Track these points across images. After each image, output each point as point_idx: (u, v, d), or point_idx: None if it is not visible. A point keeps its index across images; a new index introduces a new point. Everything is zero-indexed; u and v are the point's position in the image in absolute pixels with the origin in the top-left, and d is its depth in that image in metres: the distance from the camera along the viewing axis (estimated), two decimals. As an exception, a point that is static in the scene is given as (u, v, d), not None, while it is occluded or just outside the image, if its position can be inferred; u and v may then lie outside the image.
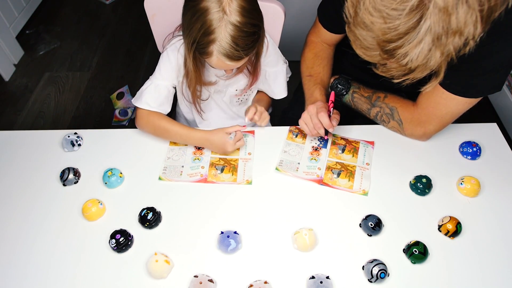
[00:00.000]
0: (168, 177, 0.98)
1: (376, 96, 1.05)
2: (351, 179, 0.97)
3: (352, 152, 1.02)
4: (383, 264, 0.81)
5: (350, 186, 0.95)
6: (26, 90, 2.22)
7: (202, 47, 0.88)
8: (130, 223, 0.90)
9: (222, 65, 0.91)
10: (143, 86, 1.07)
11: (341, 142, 1.05)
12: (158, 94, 1.05)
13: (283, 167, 0.99)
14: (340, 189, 0.95)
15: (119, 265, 0.84)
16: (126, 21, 2.65)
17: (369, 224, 0.87)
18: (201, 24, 0.85)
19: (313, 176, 0.98)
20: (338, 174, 0.97)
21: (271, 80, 1.15)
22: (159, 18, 1.18)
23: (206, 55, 0.89)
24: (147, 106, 1.04)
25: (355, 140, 1.05)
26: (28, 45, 2.45)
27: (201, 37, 0.86)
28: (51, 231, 0.89)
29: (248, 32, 0.87)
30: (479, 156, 1.01)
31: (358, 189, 0.95)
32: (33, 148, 1.05)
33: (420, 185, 0.94)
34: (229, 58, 0.88)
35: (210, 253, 0.86)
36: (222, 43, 0.86)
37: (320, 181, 0.97)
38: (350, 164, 0.99)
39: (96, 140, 1.07)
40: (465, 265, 0.83)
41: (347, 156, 1.01)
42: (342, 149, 1.03)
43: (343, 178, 0.97)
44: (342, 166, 0.99)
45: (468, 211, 0.92)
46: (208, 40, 0.86)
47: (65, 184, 0.97)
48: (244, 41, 0.87)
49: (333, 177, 0.97)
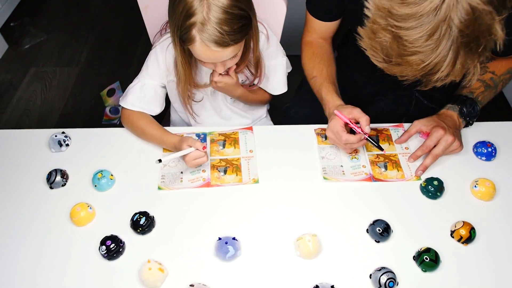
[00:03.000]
0: (168, 186, 0.98)
1: (489, 76, 1.05)
2: (399, 168, 0.99)
3: (388, 141, 1.05)
4: (392, 272, 0.81)
5: (401, 176, 0.98)
6: (11, 86, 2.23)
7: (184, 32, 0.87)
8: (122, 229, 0.90)
9: (209, 53, 0.89)
10: (130, 85, 1.08)
11: (372, 133, 1.06)
12: (143, 94, 1.06)
13: (329, 174, 0.99)
14: (394, 181, 0.98)
15: (110, 274, 0.84)
16: (117, 13, 2.65)
17: (377, 230, 0.87)
18: (182, 7, 0.85)
19: (362, 175, 0.99)
20: (385, 166, 1.00)
21: (270, 74, 1.15)
22: (152, 10, 1.19)
23: (189, 42, 0.88)
24: (132, 106, 1.05)
25: (384, 127, 1.08)
26: (13, 38, 2.45)
27: (183, 20, 0.86)
28: (37, 237, 0.89)
29: (234, 14, 0.86)
30: (494, 156, 1.01)
31: (409, 176, 0.98)
32: (18, 148, 1.06)
33: (432, 188, 0.94)
34: (215, 43, 0.87)
35: (207, 260, 0.86)
36: (206, 26, 0.85)
37: (371, 178, 0.98)
38: (391, 154, 1.02)
39: (85, 140, 1.07)
40: (480, 273, 0.84)
41: (384, 146, 1.04)
42: (376, 140, 1.05)
43: (391, 169, 0.99)
44: (385, 157, 1.02)
45: (482, 215, 0.92)
46: (189, 23, 0.85)
47: (52, 187, 0.97)
48: (230, 25, 0.86)
49: (382, 171, 0.99)
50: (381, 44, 0.73)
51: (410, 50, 0.70)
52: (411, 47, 0.69)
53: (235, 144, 1.05)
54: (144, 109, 1.06)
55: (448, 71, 0.71)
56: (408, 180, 0.98)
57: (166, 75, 1.07)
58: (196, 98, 1.13)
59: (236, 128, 1.09)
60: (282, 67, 1.16)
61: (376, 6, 0.71)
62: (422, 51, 0.69)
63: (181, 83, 1.04)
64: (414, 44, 0.68)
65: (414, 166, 1.00)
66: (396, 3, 0.68)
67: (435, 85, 0.76)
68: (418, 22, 0.66)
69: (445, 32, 0.66)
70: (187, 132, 1.08)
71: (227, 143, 1.05)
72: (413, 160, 1.00)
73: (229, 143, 1.05)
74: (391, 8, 0.68)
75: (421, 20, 0.66)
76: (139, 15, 1.21)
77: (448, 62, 0.69)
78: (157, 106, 1.08)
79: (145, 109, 1.06)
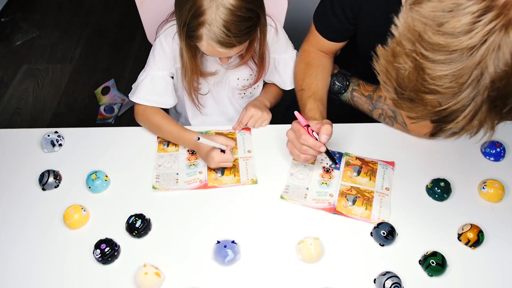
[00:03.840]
0: (163, 186, 0.97)
1: (377, 96, 1.04)
2: (368, 207, 0.93)
3: (369, 175, 0.98)
4: (397, 277, 0.81)
5: (367, 216, 0.92)
6: (1, 84, 2.22)
7: (191, 29, 0.89)
8: (117, 232, 0.89)
9: (214, 51, 0.92)
10: (138, 78, 1.08)
11: (357, 162, 1.01)
12: (155, 86, 1.06)
13: (289, 195, 0.95)
14: (356, 219, 0.92)
15: (105, 278, 0.84)
16: (112, 8, 2.65)
17: (382, 233, 0.86)
18: (191, 4, 0.86)
19: (324, 204, 0.94)
20: (353, 201, 0.94)
21: (281, 68, 1.16)
22: (149, 4, 1.18)
23: (196, 39, 0.90)
24: (145, 100, 1.06)
25: (372, 160, 1.02)
26: (4, 34, 2.45)
27: (191, 18, 0.87)
28: (29, 240, 0.89)
29: (242, 17, 0.87)
30: (503, 157, 1.01)
31: (376, 219, 0.91)
32: (9, 149, 1.05)
33: (438, 190, 0.93)
34: (220, 44, 0.89)
35: (205, 264, 0.85)
36: (213, 27, 0.86)
37: (333, 210, 0.93)
38: (367, 190, 0.96)
39: (79, 140, 1.07)
40: (488, 278, 0.83)
41: (363, 180, 0.98)
42: (357, 171, 0.99)
43: (359, 206, 0.93)
44: (358, 191, 0.96)
45: (491, 218, 0.92)
46: (198, 22, 0.87)
47: (45, 188, 0.97)
48: (237, 26, 0.87)
49: (348, 205, 0.93)
50: (398, 71, 0.64)
51: (428, 87, 0.60)
52: (431, 84, 0.60)
53: None
54: (158, 102, 1.07)
55: (464, 123, 0.62)
56: (372, 222, 0.90)
57: (173, 63, 1.07)
58: (202, 91, 1.13)
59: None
60: (293, 60, 1.16)
61: (407, 26, 0.62)
62: (442, 92, 0.60)
63: (187, 74, 1.04)
64: (436, 81, 0.60)
65: (385, 210, 0.92)
66: (431, 29, 0.59)
67: (445, 137, 0.67)
68: (448, 57, 0.58)
69: (475, 78, 0.57)
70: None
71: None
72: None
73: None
74: (424, 33, 0.59)
75: (453, 56, 0.58)
76: (135, 10, 1.20)
77: (467, 113, 0.60)
78: (170, 97, 1.09)
79: (159, 103, 1.07)
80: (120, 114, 2.08)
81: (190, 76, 1.04)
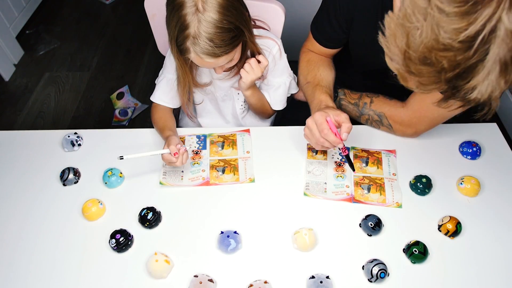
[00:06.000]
0: (169, 182, 0.98)
1: (362, 103, 1.04)
2: (382, 192, 0.94)
3: (376, 164, 1.00)
4: (383, 264, 0.81)
5: (383, 200, 0.93)
6: (26, 90, 2.22)
7: (180, 44, 0.88)
8: (130, 223, 0.90)
9: (203, 62, 0.90)
10: (157, 79, 1.12)
11: (363, 154, 1.02)
12: (169, 88, 1.08)
13: (310, 191, 0.95)
14: (374, 204, 0.92)
15: (119, 265, 0.84)
16: (126, 21, 2.65)
17: (369, 224, 0.87)
18: (177, 20, 0.85)
19: (343, 195, 0.94)
20: (368, 189, 0.95)
21: (271, 89, 1.13)
22: (160, 18, 1.18)
23: (186, 52, 0.88)
24: (160, 100, 1.09)
25: (376, 150, 1.03)
26: (28, 45, 2.45)
27: (178, 33, 0.86)
28: (51, 231, 0.89)
29: (224, 28, 0.85)
30: (479, 156, 1.01)
31: (391, 202, 0.93)
32: (33, 148, 1.05)
33: (420, 185, 0.94)
34: (206, 55, 0.87)
35: (210, 253, 0.86)
36: (197, 39, 0.85)
37: (352, 199, 0.94)
38: (377, 177, 0.97)
39: (96, 140, 1.07)
40: (465, 265, 0.84)
41: (372, 169, 0.99)
42: (365, 161, 1.00)
43: (374, 192, 0.94)
44: (370, 180, 0.97)
45: (468, 211, 0.92)
46: (184, 36, 0.86)
47: (65, 184, 0.97)
48: (220, 37, 0.85)
49: (364, 193, 0.94)
50: (410, 32, 0.57)
51: (443, 43, 0.54)
52: (446, 39, 0.53)
53: (233, 145, 1.05)
54: (170, 103, 1.10)
55: (477, 81, 0.56)
56: (389, 205, 0.92)
57: None
58: (196, 100, 1.13)
59: (234, 130, 1.09)
60: (284, 86, 1.14)
61: None
62: (457, 47, 0.53)
63: (180, 85, 1.04)
64: (450, 35, 0.53)
65: (397, 193, 0.94)
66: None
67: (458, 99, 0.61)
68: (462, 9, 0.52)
69: (490, 30, 0.51)
70: (188, 134, 1.08)
71: (226, 145, 1.05)
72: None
73: (227, 145, 1.05)
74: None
75: (467, 8, 0.51)
76: (146, 23, 1.21)
77: (481, 68, 0.54)
78: (175, 98, 1.10)
79: (171, 104, 1.10)
80: (133, 117, 2.08)
81: (183, 88, 1.04)
